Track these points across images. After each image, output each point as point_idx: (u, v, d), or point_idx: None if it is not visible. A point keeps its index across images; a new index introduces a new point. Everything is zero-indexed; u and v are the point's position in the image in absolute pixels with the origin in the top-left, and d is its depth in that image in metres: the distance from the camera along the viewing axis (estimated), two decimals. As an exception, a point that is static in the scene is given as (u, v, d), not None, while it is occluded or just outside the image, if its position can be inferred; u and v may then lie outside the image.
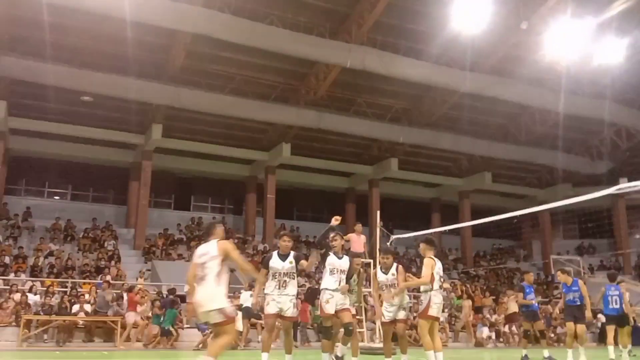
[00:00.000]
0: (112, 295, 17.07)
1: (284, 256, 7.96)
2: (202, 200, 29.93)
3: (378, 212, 15.75)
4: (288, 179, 28.59)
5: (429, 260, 7.92)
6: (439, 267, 8.06)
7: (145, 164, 24.64)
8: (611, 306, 11.63)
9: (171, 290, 17.58)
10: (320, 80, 23.15)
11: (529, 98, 24.61)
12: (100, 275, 19.92)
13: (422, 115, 26.39)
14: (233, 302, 17.31)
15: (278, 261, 7.90)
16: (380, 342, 10.68)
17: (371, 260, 13.87)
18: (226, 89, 22.97)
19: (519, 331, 21.19)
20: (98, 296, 17.01)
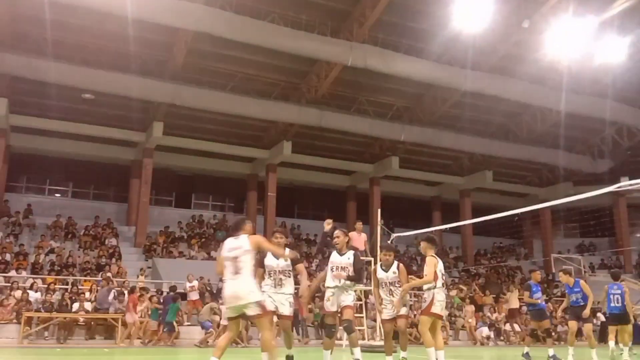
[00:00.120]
0: (113, 293, 17.09)
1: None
2: (203, 198, 29.92)
3: (379, 210, 15.74)
4: (289, 177, 28.58)
5: (431, 259, 7.89)
6: (440, 265, 8.05)
7: (146, 162, 24.67)
8: (613, 304, 11.63)
9: (172, 288, 17.61)
10: (322, 79, 23.14)
11: (530, 97, 24.57)
12: (100, 273, 19.96)
13: (423, 114, 26.39)
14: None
15: (272, 259, 7.69)
16: (381, 340, 10.68)
17: (372, 259, 13.89)
18: (227, 86, 22.96)
19: (521, 328, 21.26)
20: (98, 293, 17.05)
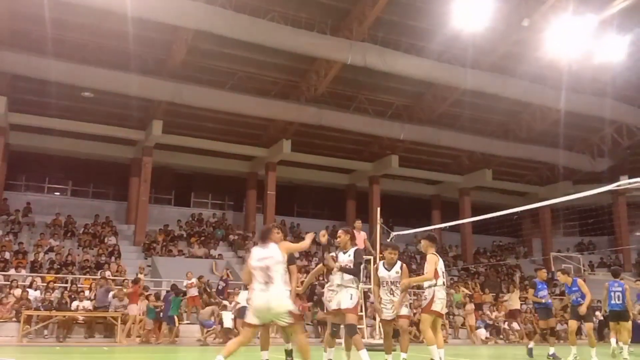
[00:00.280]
0: (112, 293, 17.09)
1: None
2: (203, 196, 29.92)
3: (378, 209, 15.76)
4: (288, 176, 28.59)
5: (432, 257, 7.87)
6: (441, 263, 8.02)
7: (145, 160, 24.67)
8: (614, 301, 11.63)
9: (172, 287, 17.59)
10: (321, 77, 23.12)
11: (530, 95, 24.56)
12: (100, 271, 19.96)
13: (423, 112, 26.38)
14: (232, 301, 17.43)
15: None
16: (380, 339, 10.65)
17: (371, 257, 13.86)
18: (227, 85, 22.93)
19: (520, 326, 21.28)
20: (97, 292, 17.04)
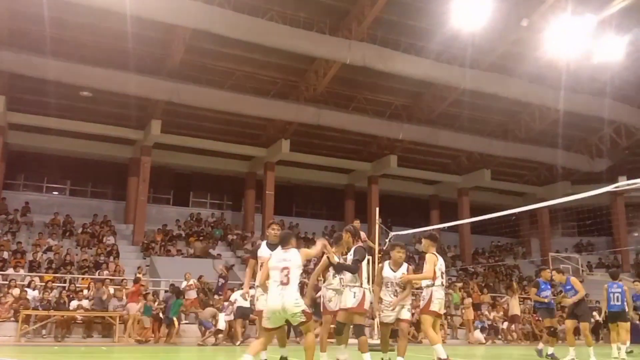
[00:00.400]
0: (108, 293, 17.06)
1: (273, 246, 7.44)
2: (201, 196, 29.89)
3: (377, 209, 15.72)
4: (287, 175, 28.57)
5: (431, 257, 7.86)
6: (441, 263, 8.00)
7: (144, 160, 24.63)
8: (613, 302, 11.64)
9: (171, 287, 17.55)
10: (320, 77, 23.10)
11: (528, 95, 24.56)
12: (98, 271, 19.94)
13: (422, 112, 26.38)
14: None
15: (267, 251, 7.49)
16: (378, 339, 10.62)
17: (370, 257, 13.83)
18: (226, 84, 22.91)
19: (517, 330, 21.31)
20: (95, 298, 16.96)
